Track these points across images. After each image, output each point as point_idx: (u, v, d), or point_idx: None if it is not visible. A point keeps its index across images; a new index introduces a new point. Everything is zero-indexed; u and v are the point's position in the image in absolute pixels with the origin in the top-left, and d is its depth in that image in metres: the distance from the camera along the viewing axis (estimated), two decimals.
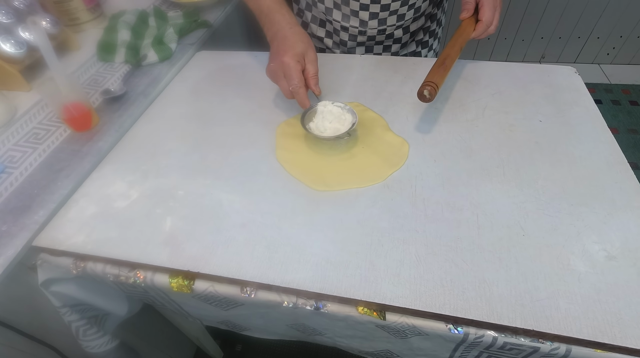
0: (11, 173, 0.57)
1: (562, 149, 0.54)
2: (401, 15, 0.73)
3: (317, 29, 0.82)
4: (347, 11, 0.73)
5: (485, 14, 0.62)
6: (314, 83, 0.58)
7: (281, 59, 0.56)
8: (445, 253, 0.43)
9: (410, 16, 0.74)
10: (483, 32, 0.63)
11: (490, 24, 0.62)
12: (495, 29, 0.64)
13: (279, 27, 0.59)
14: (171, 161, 0.58)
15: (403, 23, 0.75)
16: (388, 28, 0.75)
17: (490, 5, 0.62)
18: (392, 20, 0.73)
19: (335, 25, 0.77)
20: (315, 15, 0.80)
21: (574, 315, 0.38)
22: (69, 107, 0.60)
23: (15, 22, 0.69)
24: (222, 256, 0.45)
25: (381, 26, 0.74)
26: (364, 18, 0.72)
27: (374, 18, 0.72)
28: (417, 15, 0.75)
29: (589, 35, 1.99)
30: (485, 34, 0.63)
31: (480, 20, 0.62)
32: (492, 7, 0.62)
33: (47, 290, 0.53)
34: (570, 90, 0.64)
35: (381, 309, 0.41)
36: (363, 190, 0.51)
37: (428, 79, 0.54)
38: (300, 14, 0.83)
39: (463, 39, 0.61)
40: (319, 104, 0.59)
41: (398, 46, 0.80)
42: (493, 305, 0.39)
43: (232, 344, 1.13)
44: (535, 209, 0.47)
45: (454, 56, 0.59)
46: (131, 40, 0.80)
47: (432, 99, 0.54)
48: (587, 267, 0.41)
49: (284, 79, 0.57)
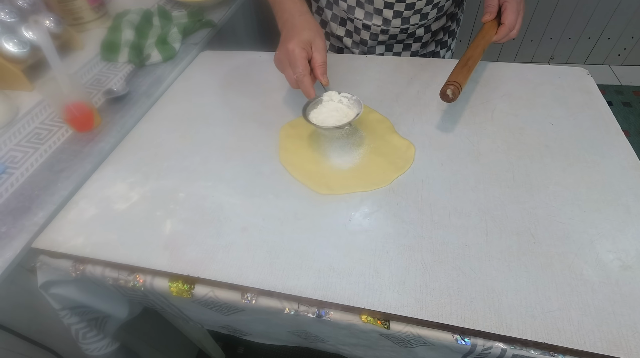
0: (12, 173, 0.56)
1: (574, 153, 0.53)
2: (425, 14, 0.72)
3: (337, 28, 0.80)
4: (371, 9, 0.71)
5: (508, 17, 0.61)
6: (320, 72, 0.55)
7: (286, 46, 0.54)
8: (452, 261, 0.42)
9: (433, 15, 0.73)
10: (505, 36, 0.62)
11: (513, 27, 0.61)
12: (517, 34, 0.63)
13: (289, 14, 0.58)
14: (172, 162, 0.57)
15: (426, 22, 0.74)
16: (411, 27, 0.74)
17: (514, 9, 0.61)
18: (416, 19, 0.72)
19: (356, 23, 0.76)
20: (336, 14, 0.79)
21: (588, 328, 0.36)
22: (71, 107, 0.59)
23: (19, 22, 0.69)
24: (223, 260, 0.44)
25: (404, 25, 0.73)
26: (388, 16, 0.71)
27: (398, 17, 0.71)
28: (439, 14, 0.74)
29: (599, 35, 1.95)
30: (506, 38, 0.62)
31: (503, 23, 0.61)
32: (516, 10, 0.61)
33: (47, 293, 0.52)
34: (582, 92, 0.63)
35: (385, 318, 0.40)
36: (368, 194, 0.50)
37: (451, 79, 0.54)
38: (320, 12, 0.82)
39: (485, 41, 0.60)
40: (325, 95, 0.56)
41: (418, 45, 0.79)
42: (502, 316, 0.37)
43: (234, 347, 1.12)
44: (546, 216, 0.46)
45: (477, 57, 0.59)
46: (135, 40, 0.79)
47: (454, 99, 0.53)
48: (601, 277, 0.40)
49: (289, 67, 0.55)
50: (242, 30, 1.11)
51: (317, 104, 0.56)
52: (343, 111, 0.55)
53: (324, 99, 0.56)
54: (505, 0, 0.62)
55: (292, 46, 0.53)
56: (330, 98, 0.56)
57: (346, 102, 0.56)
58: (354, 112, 0.54)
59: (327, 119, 0.54)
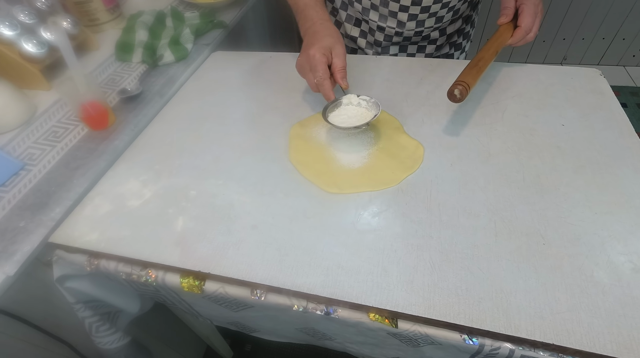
0: (30, 170, 0.58)
1: (586, 155, 0.52)
2: (440, 17, 0.71)
3: (352, 29, 0.81)
4: (385, 12, 0.72)
5: (524, 19, 0.59)
6: (340, 76, 0.57)
7: (308, 51, 0.56)
8: (460, 261, 0.42)
9: (448, 18, 0.73)
10: (521, 38, 0.61)
11: (530, 30, 0.60)
12: (534, 37, 0.61)
13: (311, 22, 0.60)
14: (184, 160, 0.58)
15: (441, 25, 0.74)
16: (425, 30, 0.73)
17: (531, 11, 0.60)
18: (431, 22, 0.72)
19: (371, 25, 0.77)
20: (351, 15, 0.79)
21: (598, 330, 0.36)
22: (87, 106, 0.61)
23: (37, 23, 0.71)
24: (233, 257, 0.45)
25: (419, 28, 0.73)
26: (403, 19, 0.71)
27: (413, 19, 0.71)
28: (455, 17, 0.74)
29: (614, 36, 1.92)
30: (523, 41, 0.61)
31: (519, 26, 0.60)
32: (533, 13, 0.60)
33: (62, 286, 0.54)
34: (595, 93, 0.62)
35: (393, 316, 0.40)
36: (377, 194, 0.50)
37: (460, 79, 0.53)
38: (334, 13, 0.83)
39: (499, 43, 0.60)
40: (344, 98, 0.59)
41: (433, 47, 0.79)
42: (510, 317, 0.37)
43: (241, 344, 1.13)
44: (556, 217, 0.45)
45: (489, 58, 0.58)
46: (148, 41, 0.81)
47: (462, 100, 0.53)
48: (612, 279, 0.39)
49: (310, 71, 0.57)
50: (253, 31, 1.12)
51: (337, 107, 0.59)
52: (361, 113, 0.58)
53: (344, 101, 0.59)
54: (522, 3, 0.61)
55: (313, 51, 0.56)
56: (350, 101, 0.59)
57: (365, 104, 0.58)
58: (372, 113, 0.56)
59: (346, 121, 0.56)
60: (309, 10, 0.61)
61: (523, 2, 0.61)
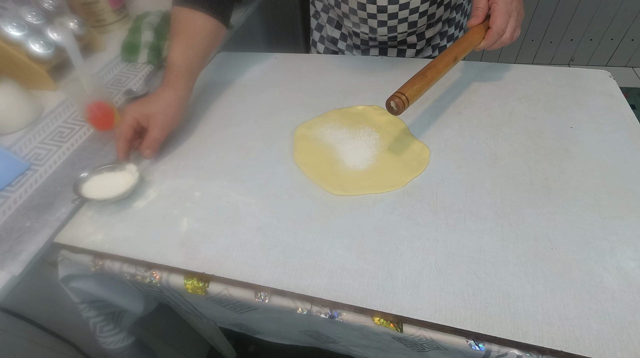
0: (36, 170, 0.58)
1: (595, 158, 0.51)
2: (412, 22, 0.68)
3: (333, 30, 0.80)
4: (357, 19, 0.70)
5: (496, 20, 0.54)
6: (145, 145, 0.56)
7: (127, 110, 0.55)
8: (467, 265, 0.41)
9: (423, 23, 0.69)
10: (494, 40, 0.55)
11: (503, 31, 0.55)
12: (512, 39, 0.56)
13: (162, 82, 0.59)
14: (188, 161, 0.58)
15: (416, 30, 0.71)
16: (399, 35, 0.71)
17: (503, 10, 0.54)
18: (403, 28, 0.69)
19: (348, 29, 0.76)
20: (332, 17, 0.79)
21: (607, 337, 0.35)
22: (93, 106, 0.61)
23: (45, 24, 0.72)
24: (237, 259, 0.45)
25: (391, 33, 0.70)
26: (373, 25, 0.69)
27: (383, 26, 0.69)
28: (431, 22, 0.71)
29: (622, 37, 1.90)
30: (498, 43, 0.56)
31: (490, 27, 0.55)
32: (505, 12, 0.54)
33: (67, 286, 0.54)
34: (604, 95, 0.61)
35: (398, 321, 0.40)
36: (382, 196, 0.50)
37: (400, 90, 0.48)
38: (317, 16, 0.82)
39: (462, 48, 0.54)
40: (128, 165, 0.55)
41: (413, 51, 0.77)
42: (518, 322, 0.37)
43: (245, 345, 1.13)
44: (564, 221, 0.45)
45: (441, 67, 0.52)
46: (154, 41, 0.81)
47: (399, 113, 0.49)
48: (622, 285, 0.39)
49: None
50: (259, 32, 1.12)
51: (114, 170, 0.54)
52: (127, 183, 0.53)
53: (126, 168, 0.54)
54: (494, 2, 0.56)
55: (127, 112, 0.55)
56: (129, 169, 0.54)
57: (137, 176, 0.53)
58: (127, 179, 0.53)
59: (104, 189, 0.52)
60: (169, 71, 0.59)
61: (495, 2, 0.55)
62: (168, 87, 0.58)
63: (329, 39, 0.82)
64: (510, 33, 0.55)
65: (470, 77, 0.67)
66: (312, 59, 0.76)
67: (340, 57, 0.76)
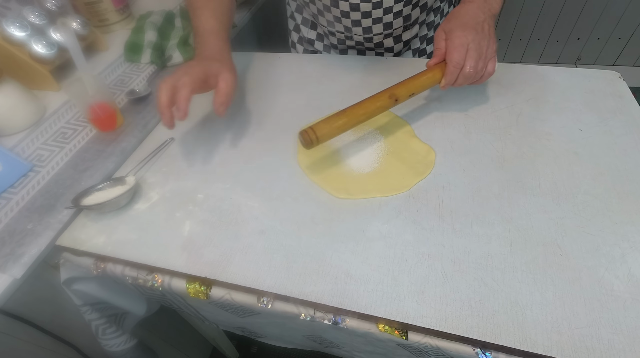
0: (39, 171, 0.58)
1: (605, 161, 0.50)
2: (387, 23, 0.66)
3: (308, 32, 0.79)
4: (331, 17, 0.68)
5: (451, 54, 0.50)
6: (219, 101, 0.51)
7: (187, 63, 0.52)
8: (474, 271, 0.41)
9: (399, 25, 0.67)
10: (454, 76, 0.51)
11: (460, 65, 0.51)
12: (476, 71, 0.51)
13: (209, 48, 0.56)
14: (191, 163, 0.57)
15: (392, 32, 0.69)
16: (375, 37, 0.69)
17: (457, 43, 0.50)
18: (378, 29, 0.67)
19: (323, 29, 0.75)
20: (306, 17, 0.77)
21: (618, 348, 0.34)
22: (95, 107, 0.61)
23: (47, 24, 0.71)
24: (240, 263, 0.44)
25: (367, 34, 0.68)
26: (347, 25, 0.67)
27: (357, 25, 0.67)
28: (407, 23, 0.68)
29: (630, 35, 1.87)
30: (463, 79, 0.52)
31: (447, 63, 0.51)
32: (460, 45, 0.50)
33: (69, 289, 0.54)
34: (614, 96, 0.60)
35: (403, 328, 0.39)
36: (387, 199, 0.49)
37: (314, 126, 0.48)
38: (293, 17, 0.81)
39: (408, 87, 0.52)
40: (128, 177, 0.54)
41: (390, 55, 0.75)
42: (526, 331, 0.36)
43: (247, 346, 1.13)
44: (574, 227, 0.44)
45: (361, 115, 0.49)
46: (157, 41, 0.80)
47: (308, 148, 0.49)
48: (634, 294, 0.38)
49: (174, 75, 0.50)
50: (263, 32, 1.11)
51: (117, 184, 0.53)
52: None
53: (127, 181, 0.53)
54: (448, 37, 0.52)
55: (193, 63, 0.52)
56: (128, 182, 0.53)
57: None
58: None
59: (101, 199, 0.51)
60: (205, 36, 0.56)
61: (449, 38, 0.52)
62: (217, 49, 0.55)
63: (306, 40, 0.81)
64: (473, 66, 0.51)
65: None
66: (316, 59, 0.75)
67: (345, 57, 0.75)
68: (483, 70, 0.53)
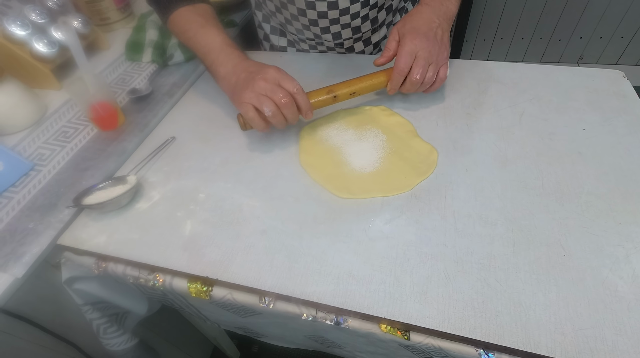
0: (40, 170, 0.58)
1: (609, 161, 0.50)
2: (356, 28, 0.65)
3: (279, 39, 0.79)
4: (299, 26, 0.68)
5: (398, 60, 0.50)
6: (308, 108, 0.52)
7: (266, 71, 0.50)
8: (477, 272, 0.40)
9: (367, 28, 0.66)
10: (398, 81, 0.51)
11: (404, 72, 0.50)
12: (423, 78, 0.51)
13: (239, 60, 0.54)
14: (192, 162, 0.57)
15: (361, 35, 0.68)
16: (345, 42, 0.68)
17: (405, 50, 0.49)
18: (347, 34, 0.67)
19: (293, 37, 0.74)
20: (275, 26, 0.77)
21: (622, 349, 0.34)
22: (96, 106, 0.60)
23: (49, 22, 0.71)
24: (242, 263, 0.44)
25: (337, 40, 0.68)
26: (317, 32, 0.67)
27: (327, 32, 0.66)
28: (375, 26, 0.67)
29: (633, 34, 1.86)
30: (409, 85, 0.52)
31: (394, 67, 0.51)
32: (408, 52, 0.49)
33: (70, 288, 0.54)
34: (618, 96, 0.59)
35: (406, 328, 0.39)
36: (389, 199, 0.49)
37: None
38: (261, 27, 0.81)
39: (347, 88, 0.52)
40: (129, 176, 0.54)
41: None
42: (529, 332, 0.36)
43: (249, 345, 1.13)
44: (578, 227, 0.43)
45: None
46: (158, 40, 0.80)
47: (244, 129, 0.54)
48: (638, 295, 0.37)
49: (279, 88, 0.50)
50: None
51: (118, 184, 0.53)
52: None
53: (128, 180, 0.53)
54: (402, 35, 0.51)
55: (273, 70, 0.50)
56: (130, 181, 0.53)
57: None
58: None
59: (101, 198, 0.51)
60: (229, 49, 0.55)
61: (401, 42, 0.51)
62: (245, 57, 0.55)
63: (278, 48, 0.80)
64: (421, 74, 0.50)
65: (479, 77, 0.66)
66: (319, 58, 0.75)
67: (349, 55, 0.75)
68: (434, 77, 0.52)
